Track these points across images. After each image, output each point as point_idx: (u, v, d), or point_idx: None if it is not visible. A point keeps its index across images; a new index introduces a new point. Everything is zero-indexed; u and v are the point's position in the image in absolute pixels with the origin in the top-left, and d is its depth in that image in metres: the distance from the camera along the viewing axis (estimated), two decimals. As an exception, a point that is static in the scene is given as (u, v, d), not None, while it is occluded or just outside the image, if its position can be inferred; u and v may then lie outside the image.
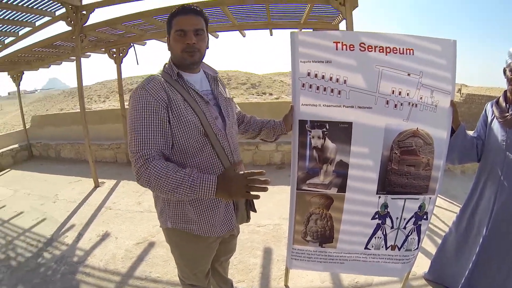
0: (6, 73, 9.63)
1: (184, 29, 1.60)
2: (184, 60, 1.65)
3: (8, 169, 8.31)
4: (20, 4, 5.08)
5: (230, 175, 1.46)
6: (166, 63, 1.75)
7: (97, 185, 6.29)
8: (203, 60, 1.78)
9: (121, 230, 4.26)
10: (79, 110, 6.83)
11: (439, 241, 3.40)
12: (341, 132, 1.94)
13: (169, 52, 1.73)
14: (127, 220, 4.56)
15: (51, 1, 5.23)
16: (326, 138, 1.95)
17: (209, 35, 1.82)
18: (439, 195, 2.08)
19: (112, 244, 3.90)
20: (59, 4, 5.38)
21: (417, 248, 2.15)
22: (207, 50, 1.75)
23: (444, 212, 4.09)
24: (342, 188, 2.01)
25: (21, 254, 3.79)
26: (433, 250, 3.24)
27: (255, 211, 1.95)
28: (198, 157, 1.65)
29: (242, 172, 1.48)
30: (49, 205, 5.42)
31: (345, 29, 4.54)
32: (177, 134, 1.58)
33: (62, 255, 3.71)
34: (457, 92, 25.81)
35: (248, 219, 1.93)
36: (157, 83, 1.57)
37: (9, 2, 4.93)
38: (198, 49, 1.65)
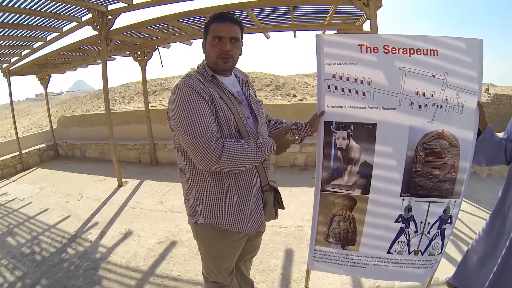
0: (34, 76, 9.95)
1: (220, 36, 1.67)
2: (218, 66, 1.73)
3: (35, 168, 8.59)
4: (48, 10, 5.26)
5: (276, 135, 1.77)
6: (199, 64, 1.82)
7: (120, 184, 6.41)
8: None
9: (143, 228, 4.32)
10: (104, 111, 6.99)
11: (463, 246, 3.33)
12: (366, 133, 1.93)
13: (204, 55, 1.80)
14: (149, 219, 4.63)
15: (78, 7, 5.38)
16: (351, 139, 1.94)
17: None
18: (464, 199, 2.03)
19: (134, 242, 3.96)
20: (86, 10, 5.53)
21: (440, 253, 2.11)
22: (240, 56, 1.83)
23: (469, 217, 3.99)
24: (365, 189, 2.00)
25: (46, 249, 3.90)
26: (456, 255, 3.17)
27: (283, 208, 1.98)
28: None
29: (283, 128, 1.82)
30: (74, 203, 5.56)
31: (369, 29, 4.50)
32: (217, 126, 1.65)
33: (85, 251, 3.80)
34: (485, 92, 25.04)
35: (276, 215, 1.96)
36: (197, 81, 1.64)
37: (37, 9, 5.10)
38: (231, 56, 1.72)
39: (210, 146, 1.49)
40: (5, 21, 5.41)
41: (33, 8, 5.01)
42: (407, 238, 2.07)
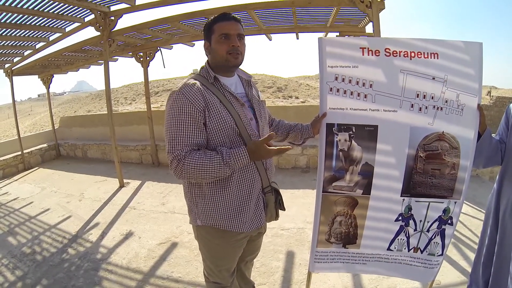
0: (36, 76, 9.99)
1: (228, 33, 1.69)
2: (228, 63, 1.73)
3: (37, 167, 8.61)
4: (51, 11, 5.28)
5: (255, 145, 1.63)
6: (202, 66, 1.84)
7: (122, 185, 6.42)
8: None
9: (144, 229, 4.33)
10: (106, 112, 7.00)
11: (465, 249, 3.33)
12: (367, 134, 1.94)
13: (208, 56, 1.83)
14: (150, 220, 4.64)
15: (80, 8, 5.39)
16: (353, 140, 1.95)
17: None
18: (466, 202, 2.03)
19: (135, 243, 3.97)
20: (88, 11, 5.54)
21: (441, 254, 2.10)
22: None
23: (471, 220, 3.97)
24: (367, 190, 2.01)
25: (46, 249, 3.91)
26: (458, 258, 3.17)
27: (284, 209, 2.00)
28: None
29: (263, 140, 1.62)
30: (75, 203, 5.57)
31: (371, 31, 4.51)
32: (213, 134, 1.67)
33: (86, 251, 3.81)
34: (486, 94, 25.08)
35: (277, 217, 1.98)
36: (194, 87, 1.64)
37: (40, 10, 5.13)
38: (240, 52, 1.74)
39: (172, 164, 1.61)
40: (7, 21, 5.43)
41: (35, 9, 5.03)
42: (407, 235, 2.08)
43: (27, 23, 5.75)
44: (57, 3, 4.90)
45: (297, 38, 7.49)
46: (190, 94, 1.61)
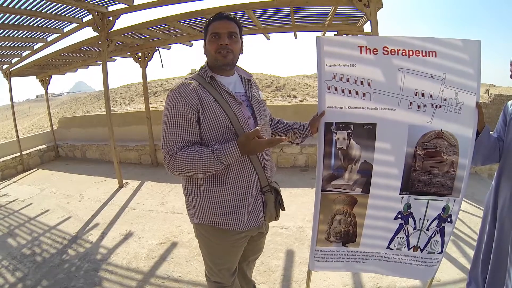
0: (35, 77, 9.97)
1: (218, 32, 1.72)
2: (217, 61, 1.75)
3: (36, 169, 8.59)
4: (48, 11, 5.28)
5: (245, 137, 1.62)
6: (202, 66, 1.86)
7: (121, 186, 6.41)
8: (238, 64, 1.90)
9: (144, 230, 4.33)
10: (104, 113, 7.00)
11: (464, 246, 3.34)
12: (366, 133, 1.95)
13: (205, 56, 1.85)
14: (150, 220, 4.63)
15: (78, 8, 5.40)
16: (351, 139, 1.96)
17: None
18: (465, 199, 2.04)
19: (135, 243, 3.97)
20: (86, 11, 5.55)
21: (441, 252, 2.11)
22: (240, 54, 1.86)
23: (470, 217, 3.98)
24: (366, 188, 2.02)
25: (46, 250, 3.91)
26: (457, 255, 3.18)
27: (283, 209, 1.99)
28: None
29: (251, 133, 1.61)
30: (74, 204, 5.56)
31: (369, 30, 4.51)
32: (207, 132, 1.68)
33: (86, 252, 3.81)
34: (485, 92, 25.11)
35: (277, 217, 1.97)
36: (189, 86, 1.67)
37: (38, 10, 5.12)
38: (231, 50, 1.74)
39: (165, 159, 1.66)
40: (5, 22, 5.43)
41: (33, 9, 5.03)
42: (406, 234, 2.09)
43: (25, 24, 5.74)
44: (55, 3, 4.90)
45: (295, 37, 7.50)
46: (185, 92, 1.64)
